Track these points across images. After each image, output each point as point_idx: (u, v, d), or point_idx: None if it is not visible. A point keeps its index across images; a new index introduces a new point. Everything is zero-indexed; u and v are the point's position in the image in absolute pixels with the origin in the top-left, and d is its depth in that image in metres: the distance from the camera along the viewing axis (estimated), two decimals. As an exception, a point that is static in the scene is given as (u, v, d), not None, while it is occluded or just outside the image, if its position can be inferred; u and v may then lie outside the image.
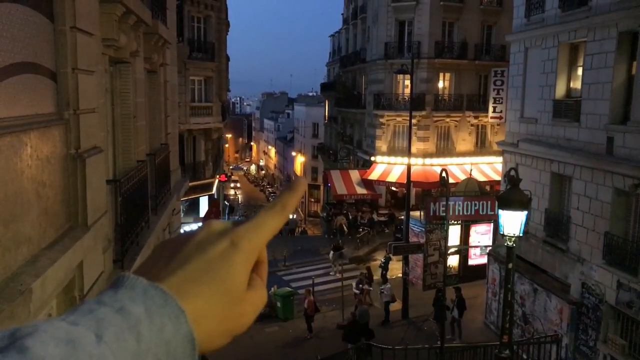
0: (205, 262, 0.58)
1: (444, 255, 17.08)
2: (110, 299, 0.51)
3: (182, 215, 15.69)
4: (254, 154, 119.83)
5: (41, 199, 3.84)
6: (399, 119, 33.41)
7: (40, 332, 0.44)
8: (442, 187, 17.19)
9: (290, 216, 0.85)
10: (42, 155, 3.87)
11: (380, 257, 26.30)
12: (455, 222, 21.28)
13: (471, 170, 29.03)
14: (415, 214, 23.03)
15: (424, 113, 32.61)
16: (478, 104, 33.56)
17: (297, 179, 0.70)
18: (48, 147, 4.01)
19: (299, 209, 55.41)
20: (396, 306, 21.31)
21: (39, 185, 3.79)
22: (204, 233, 0.61)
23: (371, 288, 17.82)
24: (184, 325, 0.52)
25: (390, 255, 22.35)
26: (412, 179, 23.09)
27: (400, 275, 23.24)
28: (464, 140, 34.18)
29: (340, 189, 33.35)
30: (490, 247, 19.74)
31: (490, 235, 21.52)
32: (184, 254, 0.59)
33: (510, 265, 9.54)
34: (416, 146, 31.32)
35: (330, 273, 26.16)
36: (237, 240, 0.60)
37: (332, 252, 25.98)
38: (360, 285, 20.00)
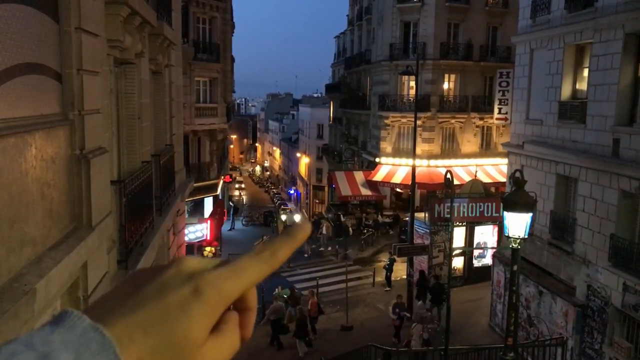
0: (160, 309, 0.51)
1: (448, 257, 17.03)
2: (42, 340, 0.46)
3: (186, 216, 15.72)
4: (258, 155, 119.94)
5: (46, 199, 3.84)
6: (403, 120, 33.37)
7: None
8: (446, 188, 17.14)
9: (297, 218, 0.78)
10: (47, 156, 3.88)
11: (384, 259, 26.26)
12: (460, 224, 21.22)
13: (476, 171, 28.98)
14: (420, 215, 22.97)
15: (428, 114, 32.55)
16: (483, 106, 33.48)
17: (299, 224, 0.61)
18: (53, 147, 4.01)
19: (304, 210, 55.41)
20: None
21: (43, 186, 3.79)
22: (172, 272, 0.55)
23: (409, 315, 17.06)
24: None
25: (395, 257, 22.29)
26: (416, 180, 23.05)
27: (405, 276, 23.19)
28: (469, 142, 34.10)
29: (345, 190, 33.32)
30: (495, 249, 19.66)
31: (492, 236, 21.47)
32: (144, 294, 0.53)
33: (515, 267, 9.50)
34: (421, 147, 31.27)
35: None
36: (203, 288, 0.53)
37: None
38: (397, 310, 17.50)
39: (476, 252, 22.45)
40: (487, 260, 21.31)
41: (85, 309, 0.52)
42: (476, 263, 22.71)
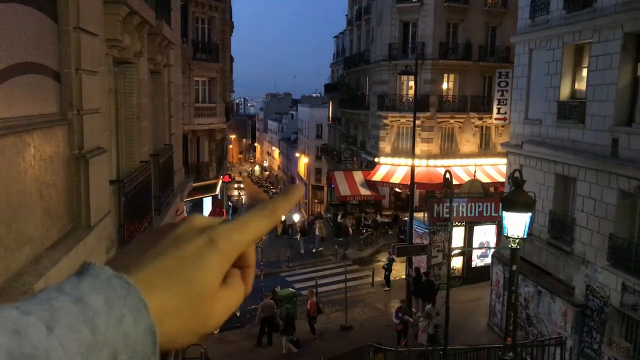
0: (178, 258, 0.56)
1: (447, 257, 17.04)
2: (71, 287, 0.50)
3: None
4: (257, 154, 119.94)
5: (44, 199, 3.84)
6: (403, 120, 33.38)
7: None
8: (445, 188, 17.15)
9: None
10: (45, 156, 3.87)
11: (383, 259, 26.27)
12: (459, 224, 21.23)
13: (475, 171, 28.98)
14: (419, 215, 22.98)
15: (428, 114, 32.56)
16: (482, 105, 33.50)
17: (294, 185, 0.68)
18: (51, 147, 4.00)
19: (303, 210, 55.41)
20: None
21: (42, 186, 3.79)
22: (183, 227, 0.60)
23: (411, 319, 16.90)
24: (145, 318, 0.51)
25: (394, 257, 22.29)
26: (415, 180, 23.07)
27: (404, 276, 23.21)
28: (468, 142, 34.11)
29: (344, 190, 33.32)
30: (494, 249, 19.67)
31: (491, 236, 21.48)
32: (160, 247, 0.58)
33: (514, 267, 9.50)
34: (420, 147, 31.28)
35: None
36: (216, 239, 0.58)
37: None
38: (400, 315, 17.17)
39: (479, 252, 22.46)
40: (490, 260, 21.33)
41: (106, 262, 0.55)
42: (479, 262, 22.71)
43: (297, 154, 67.00)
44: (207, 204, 27.78)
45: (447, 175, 14.84)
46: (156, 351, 0.51)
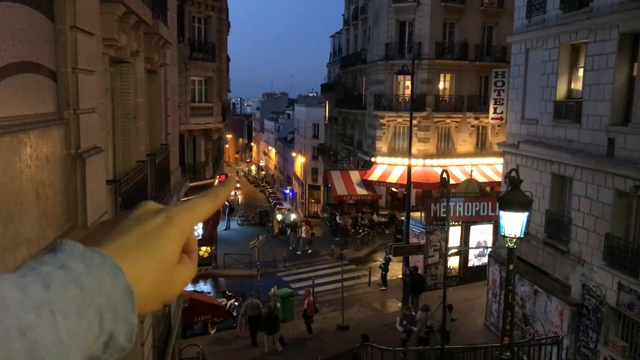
0: (142, 232, 0.63)
1: (444, 257, 17.06)
2: (51, 259, 0.55)
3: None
4: (254, 154, 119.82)
5: (41, 199, 3.82)
6: (399, 119, 33.40)
7: None
8: (442, 188, 17.17)
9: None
10: (42, 155, 3.85)
11: (380, 258, 26.29)
12: (456, 223, 21.25)
13: (472, 171, 29.04)
14: (416, 214, 23.00)
15: (424, 114, 32.59)
16: (479, 105, 33.55)
17: (229, 178, 0.82)
18: (48, 147, 3.98)
19: (299, 210, 55.38)
20: (395, 307, 21.31)
21: (38, 186, 3.77)
22: (141, 210, 0.67)
23: (415, 328, 16.77)
24: (122, 281, 0.57)
25: (391, 256, 22.32)
26: (412, 179, 23.08)
27: (400, 276, 23.24)
28: (465, 142, 34.16)
29: (341, 189, 33.32)
30: (491, 249, 19.71)
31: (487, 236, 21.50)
32: (122, 226, 0.64)
33: (511, 267, 9.52)
34: (416, 147, 31.30)
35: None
36: (172, 216, 0.66)
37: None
38: (405, 323, 16.46)
39: (475, 251, 22.49)
40: (487, 259, 21.36)
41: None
42: (476, 262, 22.74)
43: (293, 154, 66.96)
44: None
45: (444, 175, 14.85)
46: (135, 310, 0.57)
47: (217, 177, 30.41)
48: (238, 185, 77.49)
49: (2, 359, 0.44)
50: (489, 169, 33.32)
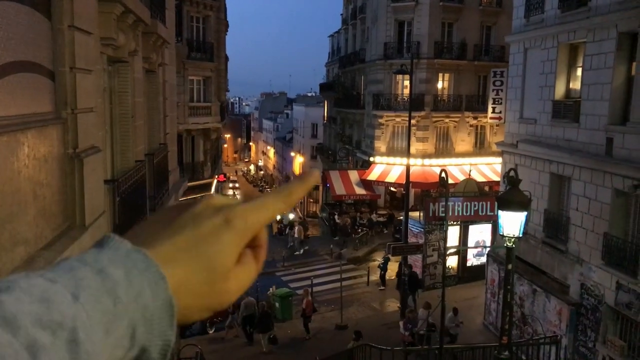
0: (195, 235, 0.58)
1: (443, 256, 17.06)
2: (92, 258, 0.51)
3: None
4: (252, 154, 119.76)
5: (38, 198, 3.80)
6: (398, 119, 33.40)
7: (16, 289, 0.45)
8: (441, 187, 17.17)
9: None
10: (40, 155, 3.84)
11: (379, 258, 26.28)
12: (454, 223, 21.26)
13: (470, 170, 29.05)
14: (414, 214, 23.00)
15: (423, 113, 32.59)
16: (477, 105, 33.55)
17: (311, 171, 0.69)
18: (45, 146, 3.97)
19: (297, 210, 55.39)
20: (393, 306, 21.30)
21: (36, 185, 3.75)
22: (202, 206, 0.61)
23: (422, 331, 16.59)
24: (163, 292, 0.52)
25: (389, 256, 22.32)
26: (411, 179, 23.06)
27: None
28: (463, 141, 34.18)
29: (339, 189, 33.31)
30: (489, 248, 19.72)
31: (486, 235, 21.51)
32: (177, 224, 0.59)
33: (509, 266, 9.52)
34: (415, 147, 31.31)
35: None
36: (232, 218, 0.59)
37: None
38: (410, 327, 16.33)
39: (474, 251, 22.50)
40: (485, 259, 21.38)
41: (124, 236, 0.55)
42: (474, 261, 22.75)
43: (292, 154, 66.96)
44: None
45: (443, 175, 14.85)
46: (173, 325, 0.52)
47: (216, 176, 30.40)
48: (237, 185, 77.52)
49: None
50: (488, 168, 33.33)
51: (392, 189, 35.08)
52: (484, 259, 21.07)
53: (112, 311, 0.48)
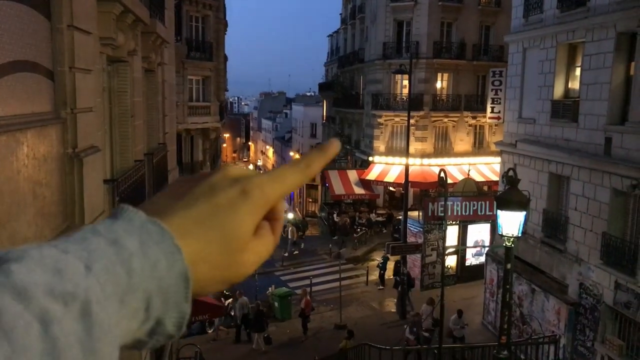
0: (212, 206, 0.57)
1: (441, 256, 17.07)
2: (106, 229, 0.50)
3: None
4: (251, 153, 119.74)
5: (38, 198, 3.81)
6: (397, 119, 33.40)
7: (28, 259, 0.44)
8: (440, 187, 17.18)
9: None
10: (39, 155, 3.84)
11: (378, 257, 26.29)
12: (453, 223, 21.27)
13: (469, 170, 29.06)
14: (413, 214, 23.00)
15: (422, 113, 32.60)
16: (476, 104, 33.56)
17: (331, 140, 0.67)
18: (45, 146, 3.97)
19: (297, 209, 55.37)
20: (392, 306, 21.32)
21: (35, 185, 3.76)
22: (219, 176, 0.60)
23: (428, 334, 16.43)
24: (179, 263, 0.51)
25: (388, 256, 22.33)
26: (410, 179, 23.09)
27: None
28: (462, 141, 34.18)
29: (338, 189, 33.31)
30: (488, 248, 19.74)
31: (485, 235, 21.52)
32: (194, 194, 0.58)
33: (508, 266, 9.53)
34: (414, 146, 31.32)
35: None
36: (250, 189, 0.58)
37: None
38: (415, 330, 16.05)
39: (473, 251, 22.51)
40: (484, 258, 21.40)
41: (138, 207, 0.54)
42: (473, 261, 22.77)
43: (291, 153, 66.94)
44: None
45: (442, 174, 14.86)
46: (188, 297, 0.52)
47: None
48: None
49: (17, 358, 0.38)
50: (487, 168, 33.34)
51: (391, 188, 35.08)
52: (482, 259, 21.08)
53: (126, 282, 0.48)
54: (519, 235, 9.42)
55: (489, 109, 30.17)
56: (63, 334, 0.42)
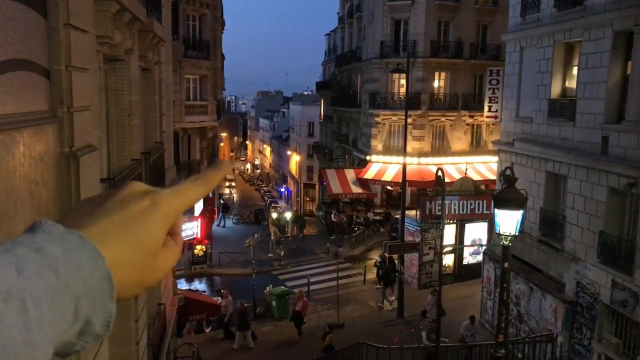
0: (125, 216, 0.61)
1: (439, 254, 17.08)
2: (28, 240, 0.53)
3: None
4: (249, 152, 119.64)
5: (34, 197, 3.79)
6: (394, 118, 33.42)
7: None
8: (437, 186, 17.19)
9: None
10: (35, 154, 3.83)
11: (375, 256, 26.30)
12: (451, 221, 21.29)
13: (466, 169, 29.08)
14: (411, 213, 23.02)
15: (419, 112, 32.62)
16: (473, 103, 33.60)
17: (222, 161, 0.77)
18: (41, 145, 3.96)
19: (295, 208, 55.36)
20: (389, 305, 21.34)
21: (31, 184, 3.74)
22: (126, 191, 0.65)
23: (447, 340, 15.99)
24: (101, 266, 0.55)
25: (386, 254, 22.34)
26: (407, 178, 23.10)
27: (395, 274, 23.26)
28: (459, 140, 34.22)
29: (336, 188, 33.32)
30: (485, 247, 19.76)
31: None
32: (105, 207, 0.62)
33: (506, 265, 9.54)
34: (411, 145, 31.34)
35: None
36: (158, 201, 0.64)
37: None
38: (432, 335, 15.81)
39: (470, 249, 22.54)
40: (481, 257, 21.42)
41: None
42: (471, 260, 22.80)
43: (288, 152, 66.92)
44: (199, 202, 27.62)
45: (440, 173, 14.87)
46: (113, 297, 0.56)
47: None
48: (233, 183, 77.33)
49: None
50: (484, 167, 33.39)
51: (388, 187, 35.10)
52: (480, 258, 21.12)
53: (55, 284, 0.51)
54: (516, 234, 9.43)
55: (486, 108, 30.24)
56: (6, 327, 0.45)
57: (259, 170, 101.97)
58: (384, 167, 33.76)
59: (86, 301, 0.53)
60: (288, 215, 43.59)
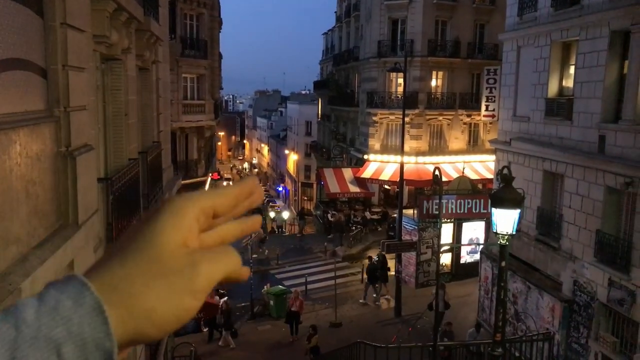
0: (154, 271, 0.52)
1: (436, 253, 17.10)
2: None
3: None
4: (246, 152, 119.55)
5: (31, 197, 3.78)
6: (392, 117, 33.43)
7: None
8: (434, 185, 17.19)
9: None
10: (32, 153, 3.82)
11: (373, 255, 26.28)
12: (448, 220, 21.31)
13: (464, 168, 29.10)
14: (408, 212, 23.03)
15: (416, 111, 32.65)
16: (471, 103, 33.65)
17: (254, 218, 0.67)
18: (38, 144, 3.95)
19: (292, 208, 55.33)
20: (386, 303, 21.35)
21: (28, 184, 3.73)
22: (166, 225, 0.55)
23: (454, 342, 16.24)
24: (87, 297, 0.46)
25: (384, 253, 22.34)
26: (404, 177, 23.11)
27: (393, 273, 23.27)
28: (457, 139, 34.26)
29: (334, 187, 33.32)
30: (483, 246, 19.79)
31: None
32: (132, 249, 0.53)
33: (503, 264, 9.55)
34: (409, 144, 31.34)
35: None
36: (199, 261, 0.55)
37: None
38: (445, 339, 15.31)
39: (468, 248, 22.57)
40: (479, 256, 21.44)
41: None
42: (468, 259, 22.82)
43: (286, 151, 66.89)
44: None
45: (437, 172, 14.87)
46: (110, 332, 0.46)
47: (210, 174, 30.34)
48: (231, 183, 77.16)
49: None
50: (481, 166, 33.43)
51: (386, 186, 35.12)
52: (477, 256, 21.13)
53: (13, 337, 0.43)
54: (514, 233, 9.44)
55: (483, 107, 30.26)
56: None
57: (256, 170, 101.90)
58: (381, 166, 33.77)
59: (72, 346, 0.44)
60: (286, 214, 43.56)
